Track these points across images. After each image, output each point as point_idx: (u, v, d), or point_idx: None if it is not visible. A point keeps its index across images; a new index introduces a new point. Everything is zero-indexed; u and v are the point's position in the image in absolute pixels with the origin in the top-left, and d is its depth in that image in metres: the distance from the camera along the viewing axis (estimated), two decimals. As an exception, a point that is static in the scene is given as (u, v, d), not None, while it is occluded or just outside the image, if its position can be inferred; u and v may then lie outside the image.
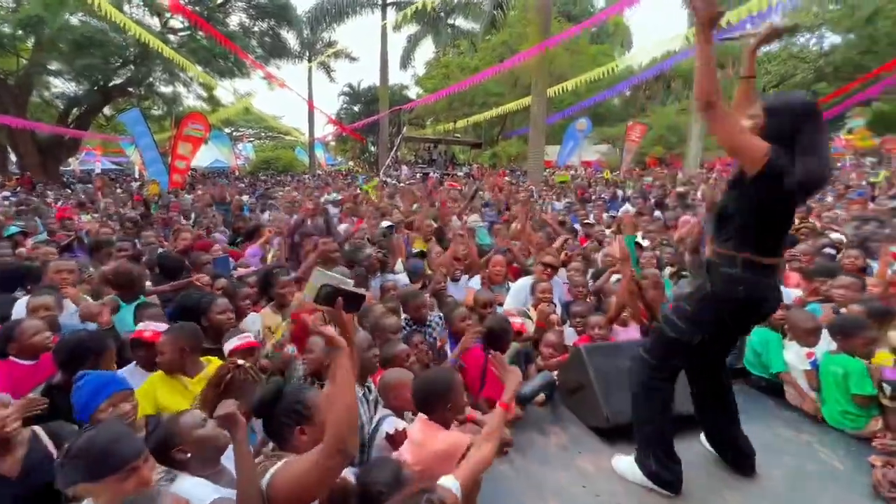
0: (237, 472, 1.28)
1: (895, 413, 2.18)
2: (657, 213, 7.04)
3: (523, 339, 2.80)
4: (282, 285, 3.15)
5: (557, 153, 20.64)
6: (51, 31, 13.84)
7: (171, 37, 20.24)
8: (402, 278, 3.93)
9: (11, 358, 2.08)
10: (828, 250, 3.96)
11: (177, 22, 20.04)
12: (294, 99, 21.45)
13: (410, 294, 3.01)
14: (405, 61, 27.68)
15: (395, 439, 1.76)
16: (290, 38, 23.90)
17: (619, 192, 9.58)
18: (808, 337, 2.58)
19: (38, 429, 1.56)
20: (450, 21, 25.87)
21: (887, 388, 2.21)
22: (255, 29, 23.45)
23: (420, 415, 1.77)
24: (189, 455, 1.38)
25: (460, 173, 19.29)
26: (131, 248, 4.10)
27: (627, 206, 7.62)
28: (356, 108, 27.28)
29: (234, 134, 41.11)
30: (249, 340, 2.52)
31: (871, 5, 15.97)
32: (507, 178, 12.70)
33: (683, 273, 3.71)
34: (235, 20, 23.26)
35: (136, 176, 19.08)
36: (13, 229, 4.91)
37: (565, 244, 4.30)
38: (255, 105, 28.26)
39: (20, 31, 14.08)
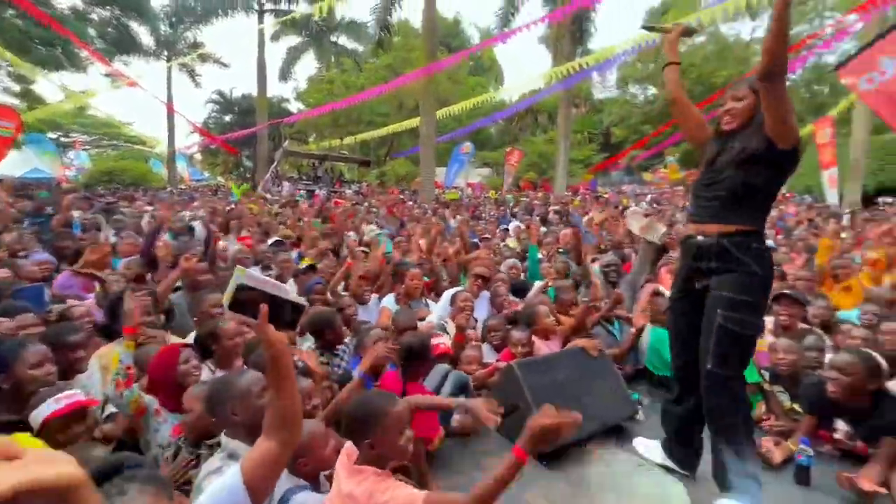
0: None
1: (774, 396, 2.47)
2: (542, 228, 7.62)
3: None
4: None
5: (444, 174, 21.42)
6: None
7: (-36, 10, 15.83)
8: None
9: None
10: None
11: (-27, -8, 15.78)
12: (148, 102, 18.30)
13: (325, 316, 2.52)
14: (285, 73, 26.06)
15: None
16: (143, 32, 20.77)
17: (506, 210, 10.16)
18: None
19: None
20: (333, 39, 25.33)
21: (765, 374, 2.50)
22: (94, 16, 19.82)
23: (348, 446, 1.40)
24: None
25: (349, 191, 18.59)
26: None
27: (516, 222, 8.07)
28: (227, 119, 24.63)
29: (62, 139, 33.86)
30: (76, 400, 1.77)
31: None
32: (400, 196, 12.58)
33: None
34: (67, 3, 19.39)
35: None
36: None
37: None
38: (101, 101, 23.66)
39: None
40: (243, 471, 1.03)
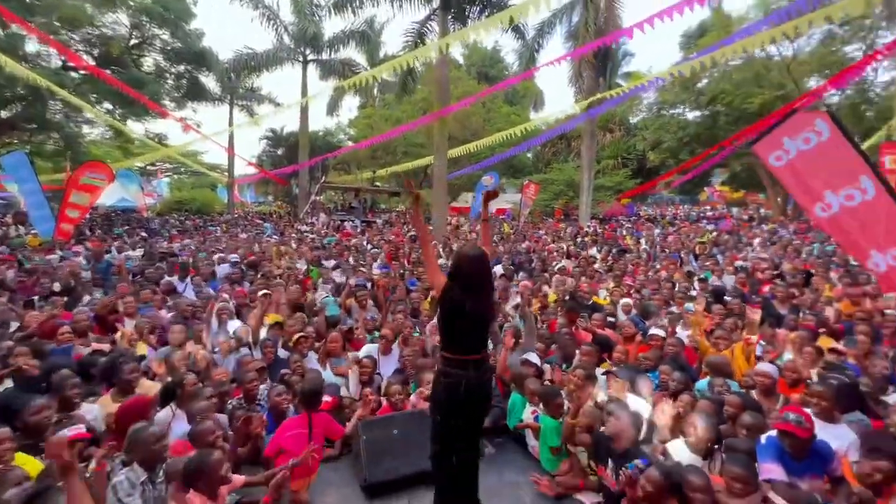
0: None
1: (575, 455, 3.12)
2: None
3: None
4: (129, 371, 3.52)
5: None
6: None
7: (74, 74, 19.44)
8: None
9: None
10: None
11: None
12: (219, 136, 21.53)
13: (240, 376, 3.57)
14: (331, 109, 28.70)
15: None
16: (210, 81, 24.03)
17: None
18: (532, 397, 3.53)
19: None
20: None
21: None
22: (173, 70, 23.30)
23: None
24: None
25: (379, 221, 20.06)
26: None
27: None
28: (279, 153, 27.46)
29: (148, 168, 38.93)
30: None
31: (711, 93, 19.94)
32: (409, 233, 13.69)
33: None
34: (151, 61, 23.03)
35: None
36: None
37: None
38: (174, 141, 27.34)
39: None
40: None
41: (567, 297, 6.29)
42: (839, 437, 2.80)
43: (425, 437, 3.15)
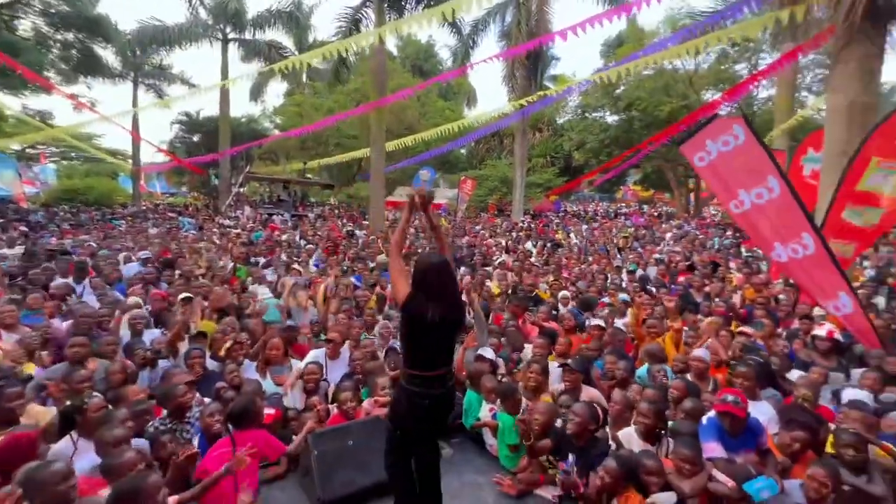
0: None
1: (531, 451, 3.14)
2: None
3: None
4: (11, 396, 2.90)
5: (408, 196, 22.21)
6: None
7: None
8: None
9: None
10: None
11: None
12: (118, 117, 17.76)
13: (166, 391, 3.10)
14: (255, 94, 26.59)
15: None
16: (109, 54, 21.04)
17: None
18: (489, 395, 3.52)
19: None
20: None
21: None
22: (59, 38, 20.01)
23: None
24: None
25: (311, 214, 19.05)
26: None
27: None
28: (195, 139, 24.92)
29: (28, 151, 33.27)
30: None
31: (627, 99, 21.60)
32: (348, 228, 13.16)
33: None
34: (29, 24, 19.55)
35: None
36: None
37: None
38: (63, 120, 23.52)
39: None
40: None
41: (510, 291, 6.42)
42: (761, 412, 3.12)
43: (383, 444, 3.00)
